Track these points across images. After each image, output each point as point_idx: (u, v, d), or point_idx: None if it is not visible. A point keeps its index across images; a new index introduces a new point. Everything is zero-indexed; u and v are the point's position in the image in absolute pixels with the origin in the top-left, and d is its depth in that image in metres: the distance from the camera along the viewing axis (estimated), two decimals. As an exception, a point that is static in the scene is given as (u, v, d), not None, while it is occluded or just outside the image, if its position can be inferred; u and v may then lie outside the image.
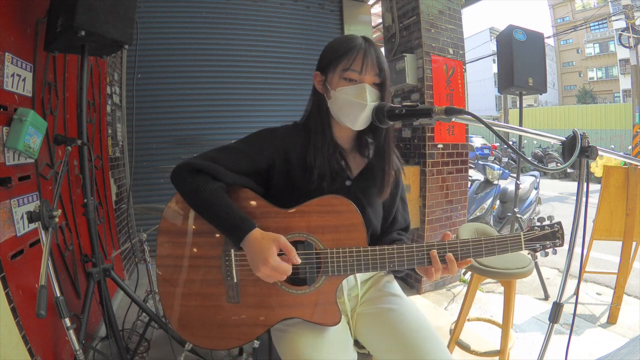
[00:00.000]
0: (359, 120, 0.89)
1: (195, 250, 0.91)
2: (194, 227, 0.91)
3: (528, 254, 0.92)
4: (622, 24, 13.87)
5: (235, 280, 0.88)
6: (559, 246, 0.90)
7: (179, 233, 0.92)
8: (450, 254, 0.84)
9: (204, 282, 0.90)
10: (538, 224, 0.90)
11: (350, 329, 0.98)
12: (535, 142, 12.67)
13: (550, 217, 0.92)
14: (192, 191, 0.86)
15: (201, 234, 0.90)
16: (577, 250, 0.93)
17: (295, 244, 0.87)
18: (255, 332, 0.89)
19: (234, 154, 0.90)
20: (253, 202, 0.90)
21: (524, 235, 0.88)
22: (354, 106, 0.88)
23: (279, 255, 0.81)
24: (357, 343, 1.00)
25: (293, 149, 0.93)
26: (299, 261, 0.83)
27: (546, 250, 0.89)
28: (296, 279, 0.87)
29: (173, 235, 0.92)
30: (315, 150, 0.92)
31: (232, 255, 0.87)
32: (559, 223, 0.90)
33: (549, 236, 0.89)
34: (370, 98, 0.88)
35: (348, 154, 0.99)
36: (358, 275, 0.99)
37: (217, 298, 0.89)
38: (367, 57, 0.89)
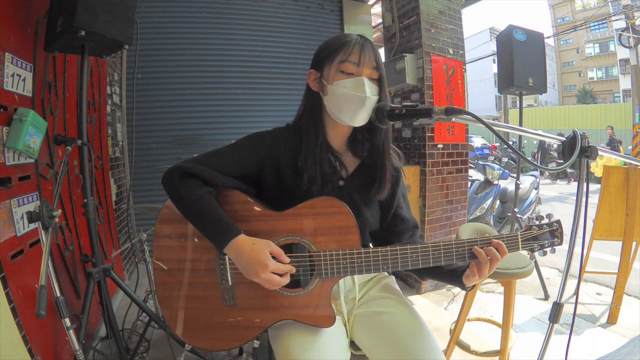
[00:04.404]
0: (358, 115, 0.87)
1: (190, 253, 0.92)
2: (188, 230, 0.91)
3: (527, 254, 0.91)
4: (622, 24, 13.87)
5: (230, 284, 0.88)
6: (557, 245, 0.87)
7: (175, 236, 0.93)
8: (492, 248, 0.82)
9: (200, 286, 0.91)
10: (536, 222, 0.87)
11: (346, 331, 0.98)
12: (535, 142, 12.67)
13: (549, 215, 0.89)
14: (180, 196, 0.85)
15: (196, 238, 0.91)
16: (577, 250, 0.92)
17: (288, 246, 0.87)
18: (252, 334, 0.90)
19: (223, 157, 0.90)
20: (245, 206, 0.90)
21: (521, 235, 0.86)
22: (352, 99, 0.86)
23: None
24: (354, 345, 1.00)
25: (283, 152, 0.92)
26: (288, 260, 0.83)
27: (544, 250, 0.86)
28: (291, 281, 0.87)
29: (169, 239, 0.93)
30: (306, 153, 0.91)
31: (227, 258, 0.87)
32: (558, 221, 0.87)
33: (547, 235, 0.86)
34: (369, 91, 0.86)
35: (342, 155, 0.98)
36: (356, 277, 0.99)
37: (214, 301, 0.90)
38: (364, 50, 0.88)
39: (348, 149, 1.00)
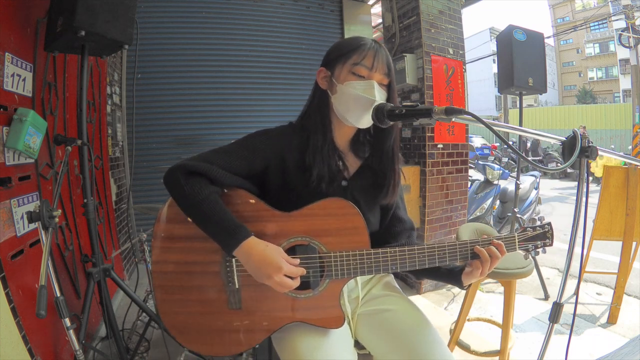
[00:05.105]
0: (363, 118, 0.89)
1: (193, 255, 0.88)
2: (191, 231, 0.87)
3: (523, 254, 0.95)
4: (622, 24, 13.87)
5: (237, 287, 0.86)
6: (548, 246, 0.93)
7: (175, 238, 0.90)
8: (493, 247, 0.86)
9: (203, 289, 0.88)
10: (530, 224, 0.94)
11: (351, 330, 0.98)
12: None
13: (540, 218, 0.95)
14: (185, 195, 0.82)
15: (199, 239, 0.86)
16: (577, 250, 0.93)
17: (297, 248, 0.86)
18: (258, 338, 0.88)
19: (228, 155, 0.88)
20: (252, 206, 0.88)
21: (518, 236, 0.91)
22: (361, 101, 0.87)
23: None
24: (357, 344, 1.00)
25: (288, 150, 0.92)
26: (297, 262, 0.83)
27: (537, 250, 0.93)
28: (300, 283, 0.86)
29: (169, 240, 0.90)
30: (314, 150, 0.91)
31: (234, 260, 0.85)
32: (549, 224, 0.93)
33: (540, 236, 0.92)
34: (378, 96, 0.87)
35: (345, 155, 0.98)
36: (358, 277, 0.99)
37: (218, 304, 0.87)
38: (378, 56, 0.89)
39: (350, 149, 1.01)
